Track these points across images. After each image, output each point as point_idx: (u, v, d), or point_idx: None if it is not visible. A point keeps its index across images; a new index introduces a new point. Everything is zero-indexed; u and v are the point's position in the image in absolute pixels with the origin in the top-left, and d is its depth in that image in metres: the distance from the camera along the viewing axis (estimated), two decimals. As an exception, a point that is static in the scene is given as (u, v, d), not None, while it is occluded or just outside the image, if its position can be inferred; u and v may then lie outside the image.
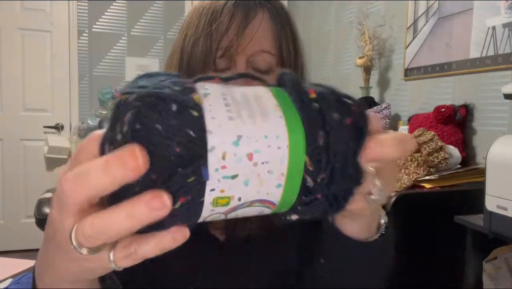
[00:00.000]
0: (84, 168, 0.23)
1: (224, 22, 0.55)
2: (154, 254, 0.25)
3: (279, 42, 0.58)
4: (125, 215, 0.23)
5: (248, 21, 0.55)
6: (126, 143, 0.23)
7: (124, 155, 0.22)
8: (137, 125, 0.23)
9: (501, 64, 1.55)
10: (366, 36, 2.21)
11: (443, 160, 1.45)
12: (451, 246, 1.36)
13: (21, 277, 1.27)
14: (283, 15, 0.60)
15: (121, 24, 3.33)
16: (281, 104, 0.27)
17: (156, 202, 0.22)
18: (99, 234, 0.23)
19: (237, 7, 0.56)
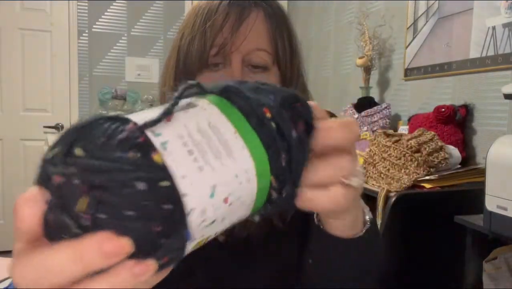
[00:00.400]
0: (48, 262, 0.21)
1: (219, 20, 0.56)
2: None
3: (274, 41, 0.58)
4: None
5: (242, 20, 0.56)
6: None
7: (102, 244, 0.20)
8: (101, 215, 0.20)
9: (501, 64, 1.55)
10: (366, 36, 2.21)
11: (443, 160, 1.45)
12: (451, 246, 1.36)
13: (21, 277, 1.27)
14: (279, 14, 0.60)
15: (121, 24, 3.33)
16: (238, 128, 0.26)
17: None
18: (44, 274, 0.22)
19: (232, 6, 0.57)
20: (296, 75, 0.63)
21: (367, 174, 1.61)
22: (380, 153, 1.55)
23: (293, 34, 0.62)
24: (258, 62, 0.58)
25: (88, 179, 0.20)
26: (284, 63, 0.60)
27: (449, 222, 1.22)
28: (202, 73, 0.58)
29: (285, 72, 0.61)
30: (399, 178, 1.44)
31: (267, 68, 0.59)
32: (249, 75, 0.58)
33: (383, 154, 1.53)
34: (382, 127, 2.01)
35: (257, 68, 0.58)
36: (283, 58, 0.60)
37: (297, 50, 0.63)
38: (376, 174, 1.55)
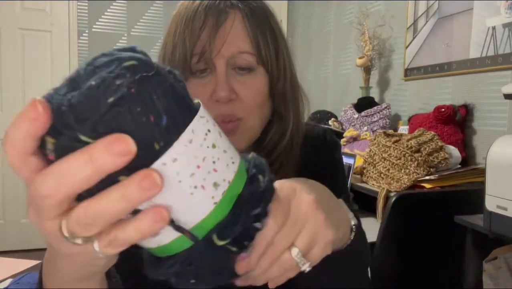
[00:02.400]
0: (62, 166, 0.23)
1: (196, 27, 0.56)
2: (135, 239, 0.25)
3: (256, 41, 0.58)
4: (119, 197, 0.23)
5: (219, 25, 0.56)
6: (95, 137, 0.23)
7: (111, 142, 0.22)
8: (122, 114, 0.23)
9: (501, 64, 1.55)
10: (366, 36, 2.21)
11: (443, 160, 1.45)
12: (451, 246, 1.36)
13: (21, 277, 1.27)
14: (259, 14, 0.60)
15: (121, 24, 3.33)
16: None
17: (147, 182, 0.23)
18: (95, 219, 0.24)
19: (208, 11, 0.57)
20: (283, 73, 0.62)
21: (367, 174, 1.61)
22: (380, 153, 1.55)
23: (277, 32, 0.62)
24: (242, 64, 0.58)
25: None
26: (269, 62, 0.60)
27: (449, 222, 1.22)
28: (188, 80, 0.59)
29: (272, 71, 0.61)
30: (399, 178, 1.44)
31: (253, 69, 0.59)
32: (235, 77, 0.58)
33: (383, 154, 1.53)
34: (382, 127, 2.01)
35: (243, 70, 0.59)
36: (267, 58, 0.59)
37: (282, 48, 0.62)
38: (376, 174, 1.55)
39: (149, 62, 0.25)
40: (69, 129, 0.23)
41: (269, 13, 0.62)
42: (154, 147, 0.24)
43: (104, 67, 0.24)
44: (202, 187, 0.26)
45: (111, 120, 0.23)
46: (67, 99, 0.23)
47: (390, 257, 1.35)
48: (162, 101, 0.25)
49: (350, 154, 1.72)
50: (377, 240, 1.32)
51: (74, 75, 0.26)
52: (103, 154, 0.22)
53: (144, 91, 0.24)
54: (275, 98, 0.63)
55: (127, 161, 0.22)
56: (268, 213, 0.31)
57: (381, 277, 1.32)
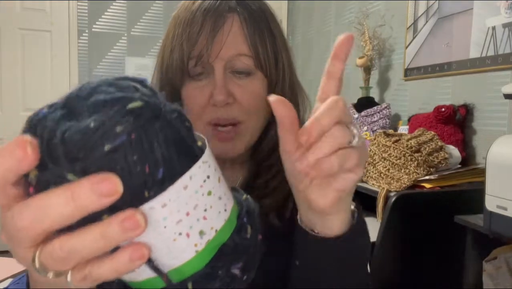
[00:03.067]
0: (42, 200, 0.22)
1: (194, 31, 0.56)
2: (110, 276, 0.24)
3: (254, 45, 0.58)
4: (98, 235, 0.22)
5: (217, 29, 0.56)
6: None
7: (97, 181, 0.21)
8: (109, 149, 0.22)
9: (501, 64, 1.55)
10: (366, 36, 2.21)
11: (443, 159, 1.45)
12: (451, 246, 1.36)
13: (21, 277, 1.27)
14: (258, 17, 0.59)
15: (121, 24, 3.33)
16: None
17: (130, 223, 0.22)
18: (71, 255, 0.23)
19: (206, 15, 0.57)
20: (282, 77, 0.61)
21: (367, 174, 1.61)
22: (380, 153, 1.55)
23: (277, 35, 0.61)
24: (240, 67, 0.58)
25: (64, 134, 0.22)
26: (267, 67, 0.59)
27: (449, 222, 1.22)
28: (185, 84, 0.58)
29: (270, 76, 0.60)
30: (399, 178, 1.44)
31: (251, 73, 0.59)
32: (233, 80, 0.58)
33: (383, 153, 1.53)
34: (382, 127, 2.01)
35: (241, 73, 0.58)
36: (265, 62, 0.59)
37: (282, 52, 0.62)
38: (376, 174, 1.55)
39: (156, 105, 0.24)
40: (56, 165, 0.22)
41: (269, 16, 0.61)
42: (144, 194, 0.23)
43: (107, 107, 0.23)
44: (187, 234, 0.25)
45: (103, 165, 0.22)
46: (60, 131, 0.22)
47: (390, 257, 1.35)
48: (163, 150, 0.24)
49: (350, 154, 1.72)
50: (377, 240, 1.32)
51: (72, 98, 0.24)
52: (87, 193, 0.21)
53: (145, 138, 0.23)
54: None
55: (112, 201, 0.21)
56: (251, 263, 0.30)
57: (381, 277, 1.32)
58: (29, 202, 0.22)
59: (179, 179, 0.24)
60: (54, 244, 0.23)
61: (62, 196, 0.21)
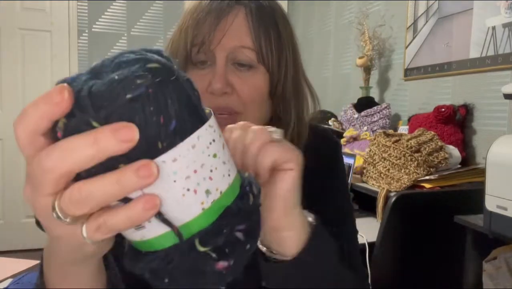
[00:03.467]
0: (68, 143, 0.24)
1: (200, 19, 0.57)
2: (125, 226, 0.25)
3: (258, 39, 0.58)
4: (114, 181, 0.24)
5: (221, 17, 0.57)
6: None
7: (117, 128, 0.23)
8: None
9: (501, 64, 1.55)
10: (366, 36, 2.21)
11: (443, 159, 1.45)
12: (451, 246, 1.36)
13: (21, 277, 1.27)
14: (264, 11, 0.60)
15: (121, 24, 3.33)
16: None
17: (144, 170, 0.24)
18: (87, 198, 0.24)
19: (213, 5, 0.58)
20: (285, 73, 0.61)
21: (367, 174, 1.61)
22: (380, 153, 1.55)
23: (283, 33, 0.61)
24: (242, 59, 0.58)
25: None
26: (269, 62, 0.59)
27: (449, 222, 1.22)
28: (188, 70, 0.59)
29: (272, 71, 0.60)
30: (399, 178, 1.44)
31: (253, 67, 0.59)
32: (234, 72, 0.58)
33: (383, 153, 1.53)
34: (382, 127, 2.01)
35: (243, 66, 0.58)
36: (268, 57, 0.59)
37: (287, 48, 0.62)
38: (376, 174, 1.55)
39: (171, 68, 0.27)
40: (83, 113, 0.24)
41: (277, 14, 0.62)
42: (158, 145, 0.25)
43: (129, 65, 0.26)
44: (194, 191, 0.27)
45: (124, 113, 0.24)
46: (88, 86, 0.25)
47: (390, 257, 1.35)
48: (175, 106, 0.26)
49: (350, 154, 1.72)
50: (377, 240, 1.32)
51: (98, 66, 0.27)
52: (108, 137, 0.23)
53: (161, 94, 0.25)
54: (274, 99, 0.62)
55: (129, 147, 0.24)
56: (253, 230, 0.32)
57: (381, 277, 1.32)
58: (55, 145, 0.24)
59: (189, 137, 0.26)
60: (73, 187, 0.24)
61: (86, 139, 0.23)
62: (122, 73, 0.25)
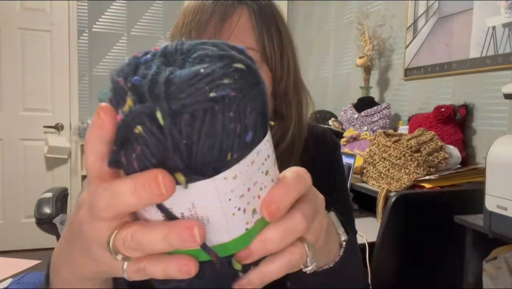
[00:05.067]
0: (115, 189, 0.24)
1: (203, 20, 0.57)
2: (159, 277, 0.26)
3: (261, 39, 0.58)
4: (161, 237, 0.24)
5: (225, 18, 0.57)
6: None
7: (149, 182, 0.23)
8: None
9: (501, 64, 1.55)
10: (366, 36, 2.21)
11: (443, 159, 1.45)
12: (451, 246, 1.36)
13: (21, 277, 1.27)
14: (266, 11, 0.60)
15: (121, 24, 3.33)
16: None
17: (187, 234, 0.23)
18: (137, 247, 0.25)
19: (216, 5, 0.58)
20: (287, 73, 0.62)
21: (367, 174, 1.61)
22: (380, 153, 1.55)
23: (283, 32, 0.62)
24: None
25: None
26: (272, 60, 0.60)
27: (449, 222, 1.22)
28: None
29: (275, 70, 0.61)
30: (399, 178, 1.44)
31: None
32: None
33: (383, 153, 1.53)
34: (382, 127, 2.01)
35: None
36: (271, 55, 0.59)
37: (288, 48, 0.62)
38: (376, 174, 1.55)
39: (257, 72, 0.25)
40: (154, 101, 0.22)
41: (276, 13, 0.62)
42: (227, 156, 0.23)
43: (213, 60, 0.23)
44: (244, 210, 0.25)
45: (199, 111, 0.22)
46: (166, 72, 0.23)
47: (390, 257, 1.35)
48: (253, 116, 0.24)
49: (350, 154, 1.72)
50: (377, 240, 1.32)
51: (171, 50, 0.25)
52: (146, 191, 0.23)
53: (243, 99, 0.23)
54: (277, 98, 0.63)
55: (164, 199, 0.23)
56: None
57: (381, 277, 1.32)
58: (107, 186, 0.24)
59: (251, 152, 0.24)
60: (128, 232, 0.25)
61: (127, 187, 0.23)
62: (209, 67, 0.23)
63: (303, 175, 0.29)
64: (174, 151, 0.22)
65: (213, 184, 0.23)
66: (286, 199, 0.26)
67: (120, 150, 0.24)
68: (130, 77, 0.23)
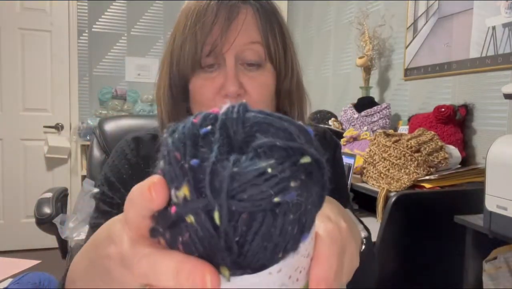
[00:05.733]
0: (156, 264, 0.23)
1: (208, 21, 0.57)
2: None
3: (265, 36, 0.59)
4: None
5: (231, 19, 0.57)
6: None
7: (195, 277, 0.22)
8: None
9: (501, 64, 1.55)
10: (366, 36, 2.21)
11: (443, 159, 1.45)
12: (451, 246, 1.36)
13: (21, 277, 1.27)
14: (269, 10, 0.61)
15: (121, 24, 3.33)
16: None
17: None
18: None
19: (220, 6, 0.57)
20: (291, 71, 0.63)
21: (367, 174, 1.61)
22: (380, 153, 1.55)
23: (285, 30, 0.62)
24: (251, 58, 0.58)
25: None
26: (277, 58, 0.60)
27: (449, 222, 1.22)
28: (195, 75, 0.59)
29: (280, 68, 0.61)
30: (399, 178, 1.44)
31: (261, 65, 0.59)
32: (243, 72, 0.59)
33: (383, 153, 1.53)
34: (382, 127, 2.01)
35: (252, 65, 0.59)
36: (275, 53, 0.60)
37: (290, 46, 0.63)
38: (376, 174, 1.55)
39: (322, 163, 0.23)
40: (212, 195, 0.20)
41: (277, 12, 0.63)
42: (278, 255, 0.22)
43: (282, 153, 0.21)
44: None
45: (259, 214, 0.20)
46: (230, 163, 0.21)
47: (390, 257, 1.35)
48: (312, 214, 0.22)
49: (350, 154, 1.72)
50: (377, 240, 1.32)
51: (231, 119, 0.22)
52: (189, 283, 0.22)
53: (305, 200, 0.22)
54: (280, 96, 0.63)
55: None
56: None
57: (381, 277, 1.32)
58: (149, 257, 0.24)
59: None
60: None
61: (169, 274, 0.22)
62: (275, 166, 0.20)
63: (336, 237, 0.28)
64: (226, 249, 0.21)
65: (258, 279, 0.22)
66: (330, 275, 0.26)
67: (167, 228, 0.22)
68: (188, 156, 0.21)
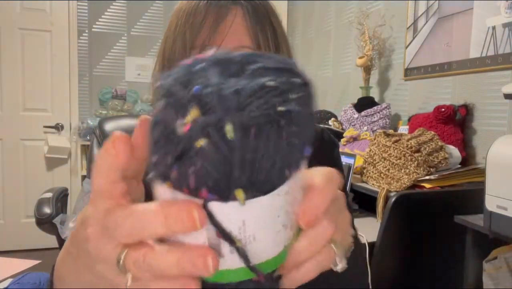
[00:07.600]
0: (141, 217, 0.24)
1: (197, 21, 0.57)
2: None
3: (256, 38, 0.59)
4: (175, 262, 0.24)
5: (220, 19, 0.57)
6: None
7: (182, 216, 0.22)
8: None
9: (501, 64, 1.55)
10: (366, 36, 2.21)
11: (443, 159, 1.45)
12: (451, 246, 1.36)
13: (21, 277, 1.27)
14: (260, 11, 0.60)
15: (121, 24, 3.33)
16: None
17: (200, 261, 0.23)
18: (148, 269, 0.24)
19: (210, 6, 0.57)
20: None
21: (367, 173, 1.61)
22: (380, 153, 1.55)
23: (278, 31, 0.62)
24: None
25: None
26: None
27: (449, 222, 1.22)
28: None
29: None
30: (399, 178, 1.44)
31: None
32: None
33: (383, 153, 1.53)
34: (382, 127, 2.01)
35: None
36: None
37: (283, 47, 0.62)
38: (376, 174, 1.55)
39: (310, 84, 0.24)
40: (222, 111, 0.20)
41: (271, 12, 0.62)
42: (286, 172, 0.22)
43: (273, 72, 0.22)
44: (285, 227, 0.24)
45: (268, 127, 0.21)
46: (232, 82, 0.21)
47: (390, 257, 1.35)
48: (311, 129, 0.23)
49: (350, 154, 1.72)
50: (377, 240, 1.32)
51: (223, 58, 0.23)
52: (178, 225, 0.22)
53: (305, 113, 0.22)
54: None
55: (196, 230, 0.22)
56: None
57: (381, 277, 1.32)
58: (130, 213, 0.24)
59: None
60: (139, 255, 0.24)
61: (157, 217, 0.23)
62: (273, 80, 0.22)
63: (333, 178, 0.28)
64: (240, 167, 0.21)
65: (270, 200, 0.22)
66: (322, 206, 0.26)
67: (174, 164, 0.22)
68: (190, 85, 0.22)
